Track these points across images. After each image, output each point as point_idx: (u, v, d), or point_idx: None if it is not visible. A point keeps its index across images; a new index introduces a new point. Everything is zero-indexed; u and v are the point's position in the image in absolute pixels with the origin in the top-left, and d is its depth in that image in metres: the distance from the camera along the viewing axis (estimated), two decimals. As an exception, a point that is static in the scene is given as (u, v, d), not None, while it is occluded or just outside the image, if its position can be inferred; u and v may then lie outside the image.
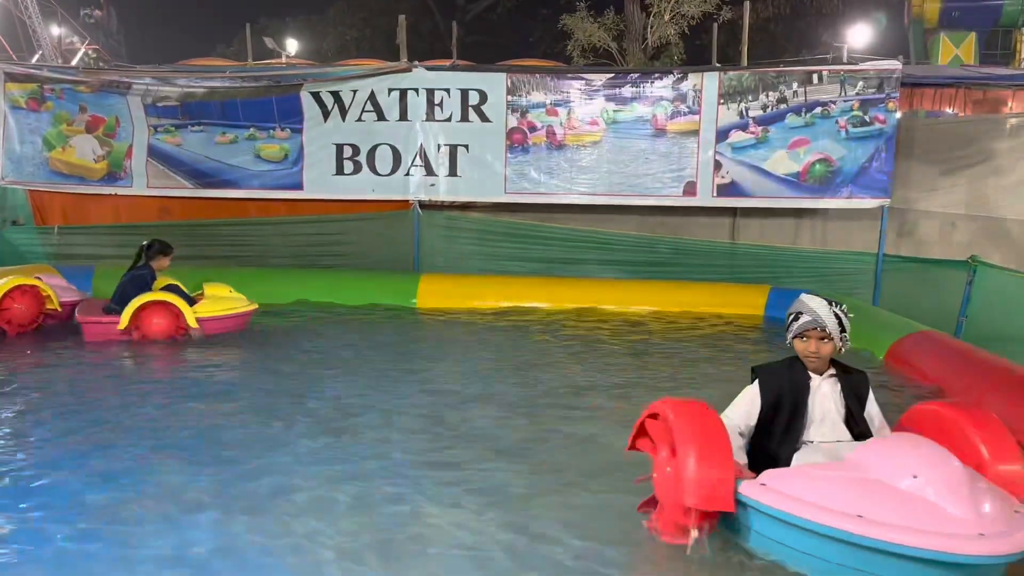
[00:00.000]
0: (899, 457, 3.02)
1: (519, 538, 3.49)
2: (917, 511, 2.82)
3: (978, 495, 2.87)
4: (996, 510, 2.85)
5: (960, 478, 2.89)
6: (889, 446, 3.14)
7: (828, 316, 3.46)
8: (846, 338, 3.51)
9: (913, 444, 3.11)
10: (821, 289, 9.18)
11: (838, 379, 3.53)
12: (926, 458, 2.98)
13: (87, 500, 3.80)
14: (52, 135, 10.17)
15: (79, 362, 6.59)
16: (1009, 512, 2.87)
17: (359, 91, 9.84)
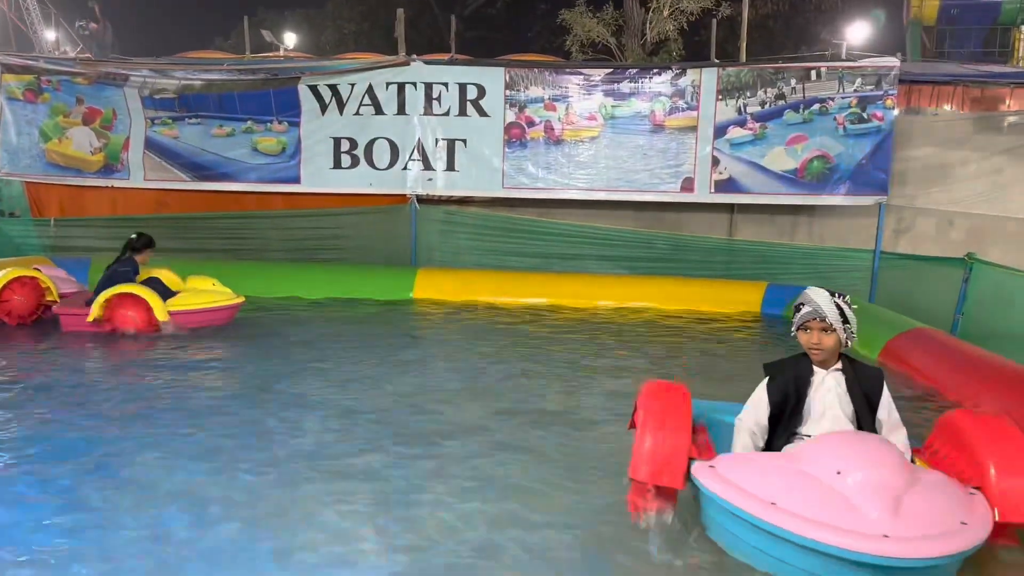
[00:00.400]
0: (832, 452, 3.03)
1: (504, 529, 3.50)
2: (829, 505, 2.83)
3: (909, 498, 2.84)
4: (922, 514, 2.79)
5: (885, 479, 2.87)
6: (830, 441, 3.15)
7: (829, 306, 3.43)
8: (850, 330, 3.44)
9: (852, 441, 3.12)
10: (818, 286, 9.26)
11: (843, 374, 3.47)
12: (857, 456, 2.99)
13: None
14: (49, 127, 10.15)
15: (56, 354, 6.58)
16: (946, 519, 2.81)
17: (357, 85, 9.83)
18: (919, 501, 2.85)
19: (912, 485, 2.92)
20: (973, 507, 2.95)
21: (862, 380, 3.45)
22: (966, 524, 2.79)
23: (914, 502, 2.84)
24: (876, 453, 3.01)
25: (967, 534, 2.76)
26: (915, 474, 3.02)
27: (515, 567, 3.24)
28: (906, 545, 2.67)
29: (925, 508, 2.83)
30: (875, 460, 2.96)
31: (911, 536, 2.70)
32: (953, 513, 2.85)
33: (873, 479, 2.87)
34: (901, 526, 2.74)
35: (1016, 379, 5.41)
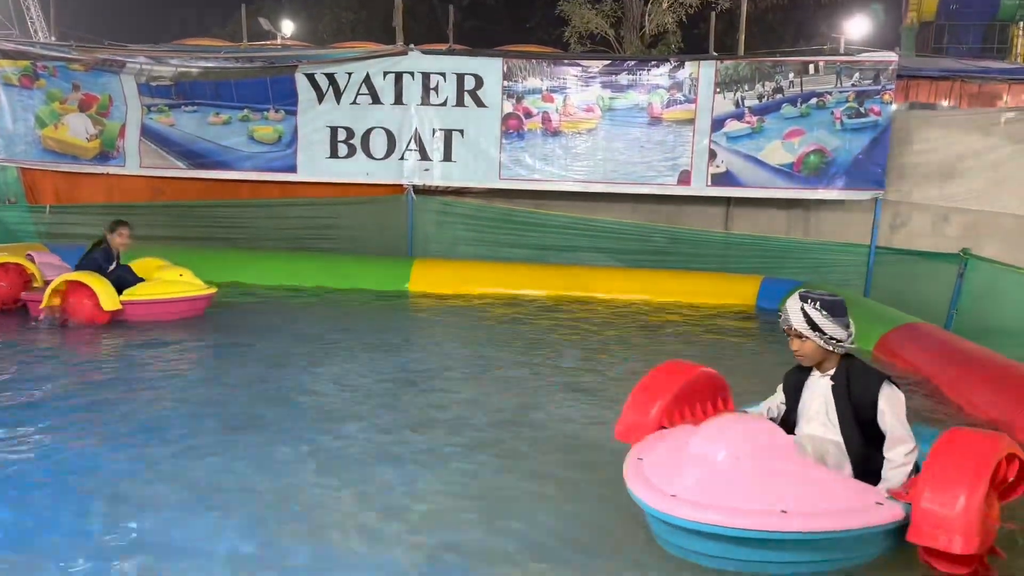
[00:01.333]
0: (704, 434, 3.24)
1: (487, 523, 3.52)
2: (662, 469, 3.14)
3: (747, 476, 3.01)
4: (738, 491, 2.96)
5: (718, 454, 3.09)
6: (715, 424, 3.32)
7: (796, 315, 3.38)
8: (828, 338, 3.32)
9: (727, 423, 3.29)
10: (813, 280, 9.30)
11: (833, 380, 3.42)
12: (715, 437, 3.18)
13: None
14: (44, 113, 10.12)
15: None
16: (761, 503, 2.93)
17: (354, 74, 9.80)
18: (758, 481, 2.99)
19: (775, 470, 3.04)
20: (827, 506, 2.96)
21: (854, 388, 3.34)
22: (785, 512, 2.89)
23: (749, 481, 2.99)
24: (731, 436, 3.17)
25: (758, 519, 2.87)
26: (791, 463, 3.10)
27: (508, 558, 3.25)
28: (669, 502, 2.98)
29: (750, 488, 2.97)
30: (725, 441, 3.13)
31: (694, 500, 2.94)
32: (780, 502, 2.92)
33: (711, 453, 3.10)
34: (696, 492, 2.97)
35: (1009, 374, 5.43)
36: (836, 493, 3.04)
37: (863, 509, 2.99)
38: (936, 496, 2.90)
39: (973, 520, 2.83)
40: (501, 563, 3.19)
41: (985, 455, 2.95)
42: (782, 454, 3.14)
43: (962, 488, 2.86)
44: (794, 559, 3.00)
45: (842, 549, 3.02)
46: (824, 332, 3.35)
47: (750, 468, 3.06)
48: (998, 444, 3.01)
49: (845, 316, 3.40)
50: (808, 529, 2.89)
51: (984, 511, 2.88)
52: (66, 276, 6.94)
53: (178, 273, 7.48)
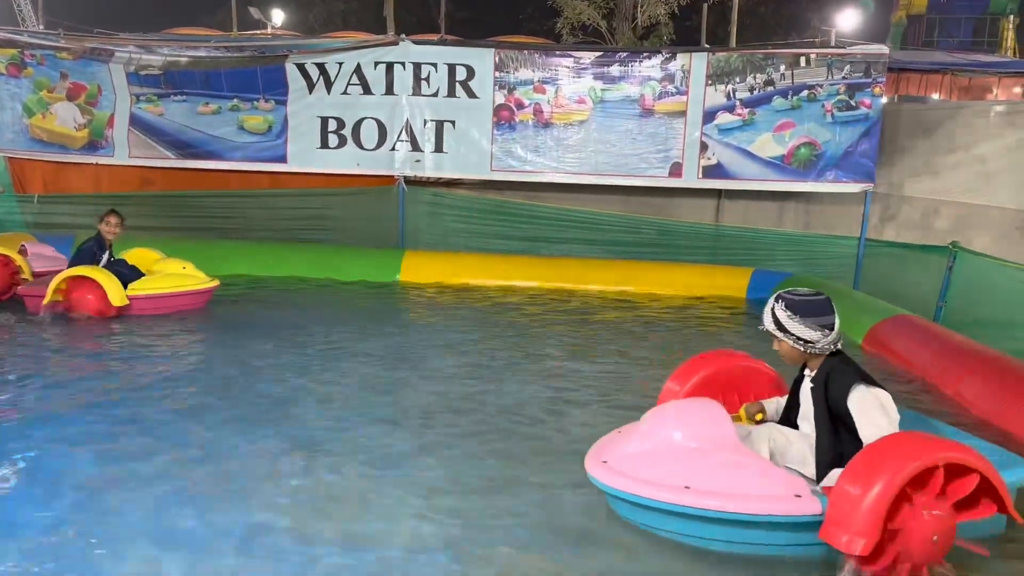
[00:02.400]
0: (661, 415, 3.50)
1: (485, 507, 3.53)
2: (629, 450, 3.36)
3: (707, 461, 3.19)
4: (653, 464, 3.23)
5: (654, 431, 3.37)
6: (672, 406, 3.57)
7: (767, 315, 3.40)
8: (796, 338, 3.31)
9: (677, 407, 3.52)
10: (803, 272, 9.34)
11: (812, 381, 3.42)
12: (674, 420, 3.40)
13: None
14: (32, 102, 10.03)
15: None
16: (668, 477, 3.17)
17: (345, 63, 9.75)
18: (681, 459, 3.23)
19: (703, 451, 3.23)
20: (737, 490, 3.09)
21: (830, 389, 3.29)
22: (688, 488, 3.11)
23: (674, 458, 3.24)
24: (676, 418, 3.41)
25: (657, 490, 3.15)
26: (723, 449, 3.23)
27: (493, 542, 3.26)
28: (591, 464, 3.39)
29: (671, 464, 3.22)
30: (669, 421, 3.40)
31: (619, 469, 3.28)
32: (690, 480, 3.14)
33: (654, 431, 3.38)
34: (625, 462, 3.30)
35: (996, 366, 5.46)
36: (755, 480, 3.13)
37: (773, 498, 3.08)
38: (841, 494, 2.92)
39: (873, 522, 2.79)
40: (492, 551, 3.20)
41: (904, 460, 2.84)
42: (717, 440, 3.26)
43: (866, 489, 2.83)
44: (701, 533, 3.17)
45: (751, 532, 3.11)
46: (791, 333, 3.32)
47: (680, 448, 3.28)
48: (929, 451, 2.89)
49: (824, 315, 3.31)
50: (699, 506, 3.08)
51: (913, 518, 2.86)
52: (70, 272, 6.82)
53: (181, 266, 7.43)
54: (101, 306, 6.81)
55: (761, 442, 3.45)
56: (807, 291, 3.42)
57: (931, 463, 2.86)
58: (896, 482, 2.82)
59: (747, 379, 4.05)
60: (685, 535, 3.21)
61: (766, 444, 3.45)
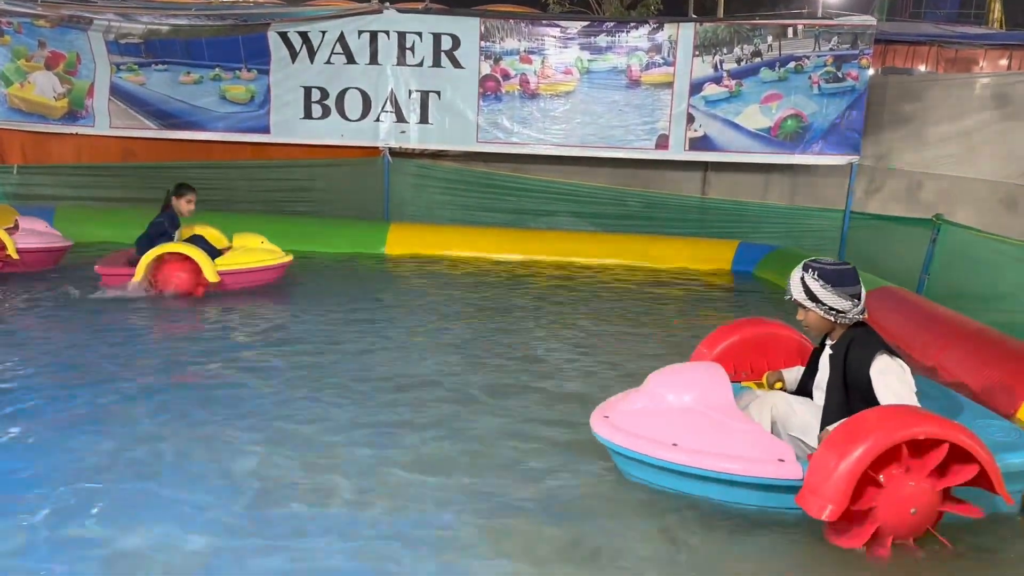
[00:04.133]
0: (664, 377, 3.60)
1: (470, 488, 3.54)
2: (630, 407, 3.50)
3: (698, 421, 3.31)
4: (648, 423, 3.36)
5: (649, 393, 3.51)
6: (675, 368, 3.68)
7: (795, 285, 3.39)
8: (827, 308, 3.32)
9: (685, 371, 3.63)
10: (788, 244, 9.37)
11: (832, 349, 3.43)
12: (674, 382, 3.52)
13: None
14: (10, 70, 9.86)
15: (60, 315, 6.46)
16: (659, 434, 3.31)
17: (328, 32, 9.62)
18: (674, 419, 3.35)
19: (696, 412, 3.34)
20: (720, 450, 3.20)
21: (851, 358, 3.30)
22: (676, 445, 3.26)
23: (668, 418, 3.37)
24: (677, 380, 3.54)
25: (645, 445, 3.30)
26: (715, 410, 3.32)
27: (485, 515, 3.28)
28: (595, 419, 3.56)
29: (664, 423, 3.35)
30: (670, 383, 3.52)
31: (618, 425, 3.44)
32: (678, 437, 3.28)
33: (655, 391, 3.51)
34: (624, 419, 3.45)
35: (977, 338, 5.51)
36: (742, 442, 3.22)
37: (756, 460, 3.16)
38: (818, 461, 2.97)
39: (843, 490, 2.83)
40: (482, 526, 3.22)
41: (883, 431, 2.88)
42: (712, 402, 3.36)
43: (840, 457, 2.88)
44: (689, 490, 3.31)
45: (734, 492, 3.23)
46: (823, 303, 3.31)
47: (676, 408, 3.40)
48: (908, 424, 2.91)
49: (853, 285, 3.32)
50: (684, 463, 3.22)
51: (888, 489, 2.90)
52: (163, 249, 6.69)
53: (259, 240, 7.37)
54: (194, 283, 6.75)
55: (764, 409, 3.50)
56: (832, 261, 3.45)
57: (907, 437, 2.88)
58: (869, 450, 2.85)
59: (779, 346, 4.17)
60: (676, 491, 3.35)
61: (768, 412, 3.50)
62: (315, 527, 3.11)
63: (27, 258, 7.37)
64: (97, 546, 2.93)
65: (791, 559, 3.05)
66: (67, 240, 7.88)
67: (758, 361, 4.14)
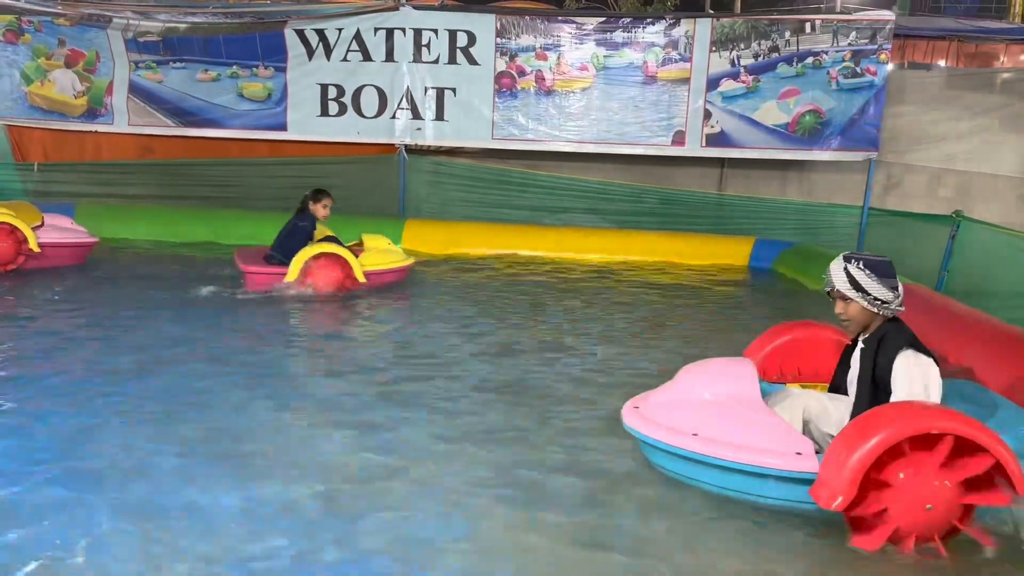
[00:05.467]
0: (696, 371, 3.67)
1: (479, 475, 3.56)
2: (659, 399, 3.58)
3: (721, 413, 3.36)
4: (673, 413, 3.44)
5: (680, 386, 3.59)
6: (707, 363, 3.74)
7: (837, 274, 3.32)
8: (872, 298, 3.26)
9: (716, 366, 3.68)
10: (806, 241, 9.31)
11: (866, 342, 3.38)
12: (704, 377, 3.58)
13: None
14: (30, 69, 9.95)
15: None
16: (682, 424, 3.39)
17: (344, 30, 9.64)
18: (700, 411, 3.41)
19: (722, 405, 3.39)
20: (740, 441, 3.23)
21: (880, 350, 3.26)
22: (696, 435, 3.31)
23: (693, 410, 3.43)
24: (707, 375, 3.60)
25: (666, 434, 3.38)
26: (740, 404, 3.36)
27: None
28: (625, 410, 3.66)
29: (689, 414, 3.41)
30: (700, 378, 3.58)
31: (645, 415, 3.54)
32: (699, 428, 3.33)
33: (685, 384, 3.58)
34: (652, 409, 3.54)
35: (997, 336, 5.45)
36: (762, 435, 3.23)
37: (770, 453, 3.17)
38: (830, 454, 3.00)
39: (851, 480, 2.84)
40: (499, 512, 3.23)
41: (897, 424, 2.88)
42: (736, 396, 3.39)
43: (851, 450, 2.89)
44: (707, 479, 3.35)
45: (751, 482, 3.23)
46: (868, 292, 3.27)
47: (702, 401, 3.44)
48: (924, 419, 2.90)
49: (893, 278, 3.30)
50: (702, 452, 3.26)
51: (904, 481, 2.88)
52: (316, 248, 6.85)
53: (386, 241, 7.55)
54: (343, 282, 6.89)
55: (796, 407, 3.49)
56: (870, 253, 3.44)
57: (920, 431, 2.87)
58: (880, 442, 2.85)
59: (825, 349, 4.11)
60: (697, 481, 3.39)
61: (800, 410, 3.49)
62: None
63: (50, 253, 7.41)
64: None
65: (812, 557, 3.04)
66: (92, 236, 7.92)
67: (806, 364, 4.13)
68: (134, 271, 7.75)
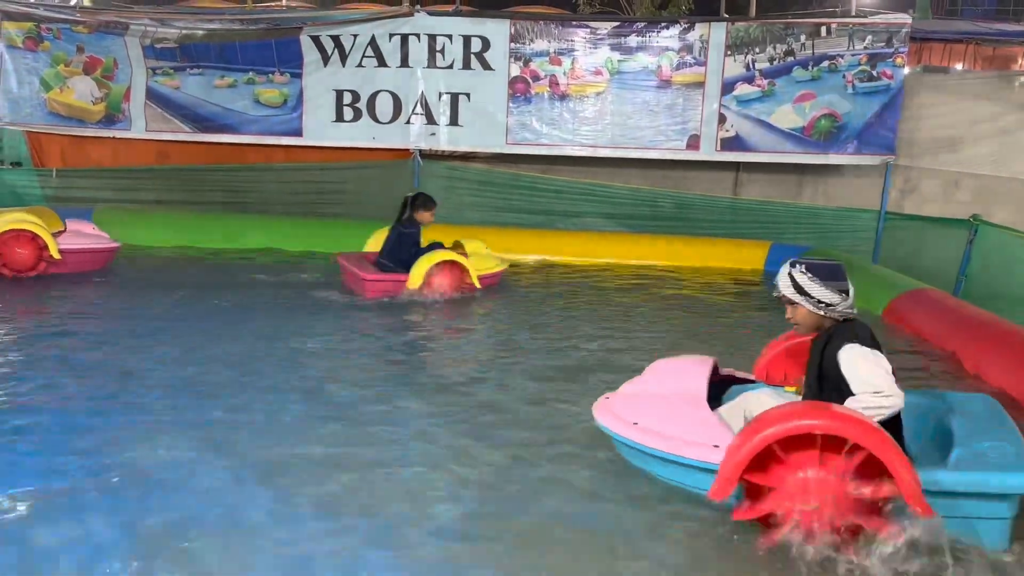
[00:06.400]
0: (658, 366, 3.86)
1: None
2: (625, 391, 3.80)
3: (663, 406, 3.52)
4: (634, 407, 3.59)
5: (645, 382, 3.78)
6: (668, 360, 3.94)
7: (783, 279, 3.41)
8: (815, 301, 3.30)
9: (674, 363, 3.87)
10: (822, 246, 9.25)
11: (815, 342, 3.43)
12: (662, 373, 3.77)
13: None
14: (50, 76, 10.05)
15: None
16: (623, 413, 3.59)
17: (359, 36, 9.68)
18: (645, 403, 3.60)
19: (665, 399, 3.55)
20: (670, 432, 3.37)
21: (828, 345, 3.30)
22: (636, 424, 3.50)
23: (640, 402, 3.63)
24: (664, 371, 3.80)
25: (611, 421, 3.60)
26: (681, 398, 3.52)
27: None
28: (598, 402, 3.82)
29: (636, 406, 3.61)
30: (659, 373, 3.80)
31: (607, 405, 3.73)
32: (639, 418, 3.52)
33: (647, 379, 3.80)
34: (616, 401, 3.73)
35: (1016, 341, 5.41)
36: (690, 427, 3.36)
37: (692, 443, 3.29)
38: (727, 448, 3.11)
39: (731, 473, 2.95)
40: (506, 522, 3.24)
41: (778, 423, 2.92)
42: (682, 391, 3.57)
43: (737, 444, 3.00)
44: (645, 466, 3.52)
45: (673, 471, 3.38)
46: (811, 296, 3.33)
47: (652, 394, 3.65)
48: (808, 417, 2.91)
49: (841, 281, 3.33)
50: (633, 439, 3.46)
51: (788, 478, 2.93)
52: (438, 255, 7.01)
53: (483, 246, 7.69)
54: (459, 288, 7.07)
55: (740, 405, 3.65)
56: (823, 258, 3.50)
57: (802, 430, 2.89)
58: (763, 437, 2.90)
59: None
60: (642, 469, 3.57)
61: (742, 408, 3.62)
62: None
63: (71, 259, 7.40)
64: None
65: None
66: (114, 242, 7.94)
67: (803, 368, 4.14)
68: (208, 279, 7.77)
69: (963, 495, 2.96)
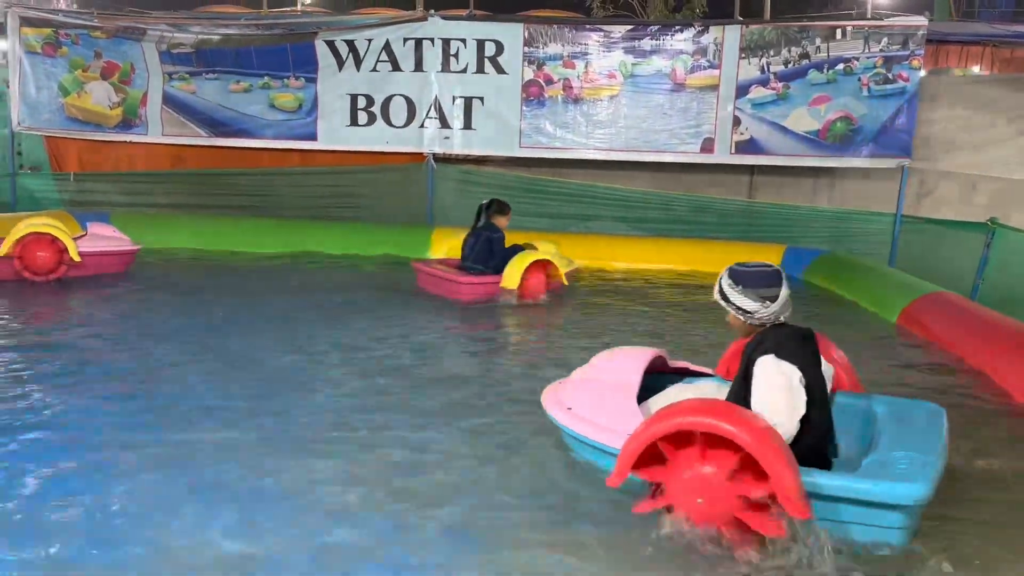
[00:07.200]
0: (603, 356, 4.02)
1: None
2: (574, 378, 3.95)
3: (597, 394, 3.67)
4: (582, 402, 3.69)
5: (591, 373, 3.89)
6: (612, 351, 4.09)
7: (716, 286, 3.46)
8: (735, 307, 3.34)
9: (615, 354, 4.02)
10: (837, 249, 9.20)
11: (746, 347, 3.40)
12: (603, 363, 3.92)
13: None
14: (68, 81, 10.14)
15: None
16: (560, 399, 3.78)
17: (374, 40, 9.73)
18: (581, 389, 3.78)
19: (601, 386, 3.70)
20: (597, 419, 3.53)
21: (751, 354, 3.28)
22: (569, 409, 3.69)
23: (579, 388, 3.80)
24: (605, 361, 3.95)
25: (550, 406, 3.79)
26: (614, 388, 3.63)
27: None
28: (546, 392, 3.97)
29: (574, 393, 3.79)
30: (601, 363, 3.94)
31: (554, 391, 3.91)
32: (574, 404, 3.70)
33: (590, 368, 3.95)
34: (563, 387, 3.91)
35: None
36: (614, 415, 3.50)
37: (607, 430, 3.43)
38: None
39: (622, 465, 3.06)
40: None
41: (667, 418, 2.99)
42: (616, 381, 3.69)
43: (630, 438, 3.09)
44: (578, 451, 3.69)
45: (596, 456, 3.52)
46: (732, 303, 3.36)
47: (592, 381, 3.81)
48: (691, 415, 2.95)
49: (769, 287, 3.29)
50: (561, 423, 3.67)
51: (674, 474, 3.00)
52: (532, 256, 7.21)
53: (555, 247, 7.79)
54: (543, 287, 7.30)
55: (675, 394, 3.74)
56: (759, 263, 3.45)
57: (683, 427, 2.93)
58: (652, 431, 2.99)
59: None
60: (576, 453, 3.73)
61: (668, 401, 3.60)
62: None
63: (91, 261, 7.48)
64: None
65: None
66: (135, 244, 8.01)
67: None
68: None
69: (855, 502, 2.94)
